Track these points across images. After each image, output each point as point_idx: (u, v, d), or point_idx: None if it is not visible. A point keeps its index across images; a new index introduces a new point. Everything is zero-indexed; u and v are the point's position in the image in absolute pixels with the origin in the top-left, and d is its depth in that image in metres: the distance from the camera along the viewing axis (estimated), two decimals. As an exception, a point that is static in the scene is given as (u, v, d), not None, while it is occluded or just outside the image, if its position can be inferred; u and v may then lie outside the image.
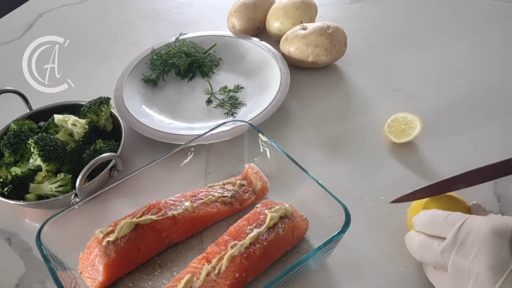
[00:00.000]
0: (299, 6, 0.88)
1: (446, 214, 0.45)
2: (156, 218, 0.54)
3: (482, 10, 0.98)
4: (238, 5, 0.93)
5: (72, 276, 0.51)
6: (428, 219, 0.46)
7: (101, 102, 0.71)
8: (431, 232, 0.45)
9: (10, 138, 0.65)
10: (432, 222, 0.45)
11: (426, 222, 0.46)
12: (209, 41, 0.90)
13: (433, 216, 0.46)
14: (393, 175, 0.63)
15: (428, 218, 0.46)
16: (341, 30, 0.82)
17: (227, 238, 0.52)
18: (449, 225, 0.43)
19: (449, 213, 0.45)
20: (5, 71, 0.96)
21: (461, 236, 0.41)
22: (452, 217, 0.44)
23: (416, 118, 0.67)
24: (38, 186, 0.62)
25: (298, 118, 0.76)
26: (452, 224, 0.43)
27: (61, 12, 1.17)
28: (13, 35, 1.08)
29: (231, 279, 0.48)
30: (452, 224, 0.43)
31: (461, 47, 0.88)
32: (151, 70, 0.86)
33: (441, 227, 0.44)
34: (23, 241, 0.61)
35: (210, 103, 0.80)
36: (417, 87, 0.80)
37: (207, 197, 0.58)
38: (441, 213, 0.45)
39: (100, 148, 0.65)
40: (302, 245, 0.55)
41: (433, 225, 0.45)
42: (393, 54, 0.89)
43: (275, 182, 0.62)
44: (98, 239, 0.52)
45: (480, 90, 0.77)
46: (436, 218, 0.45)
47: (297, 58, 0.82)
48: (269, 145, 0.61)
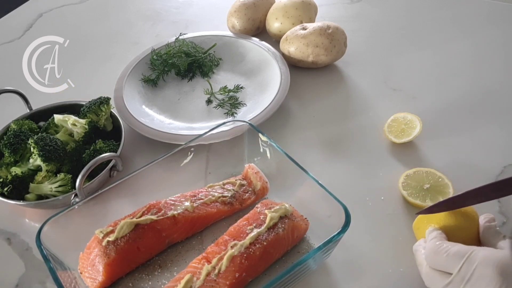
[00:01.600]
0: (299, 6, 0.88)
1: (448, 249, 0.44)
2: (156, 218, 0.54)
3: (482, 10, 0.98)
4: (238, 5, 0.93)
5: (72, 276, 0.51)
6: (431, 254, 0.46)
7: (101, 102, 0.71)
8: (435, 267, 0.45)
9: (10, 138, 0.65)
10: (435, 257, 0.45)
11: (429, 256, 0.46)
12: (209, 41, 0.90)
13: (435, 250, 0.45)
14: (393, 175, 0.63)
15: (431, 253, 0.46)
16: (341, 30, 0.82)
17: (227, 238, 0.52)
18: (452, 261, 0.43)
19: (451, 247, 0.44)
20: (5, 71, 0.96)
21: (466, 274, 0.42)
22: (454, 252, 0.44)
23: (416, 118, 0.67)
24: (38, 186, 0.62)
25: (298, 118, 0.76)
26: (455, 260, 0.43)
27: (61, 12, 1.17)
28: (13, 35, 1.08)
29: (231, 279, 0.48)
30: (455, 260, 0.43)
31: (461, 47, 0.88)
32: (151, 70, 0.86)
33: (444, 263, 0.44)
34: (23, 241, 0.61)
35: (210, 103, 0.80)
36: (417, 87, 0.80)
37: (207, 197, 0.58)
38: (443, 248, 0.45)
39: (100, 148, 0.65)
40: (302, 245, 0.55)
41: (436, 260, 0.45)
42: (393, 54, 0.89)
43: (275, 182, 0.62)
44: (98, 239, 0.52)
45: (480, 90, 0.77)
46: (438, 253, 0.45)
47: (297, 58, 0.82)
48: (269, 145, 0.61)
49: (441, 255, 0.44)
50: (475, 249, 0.43)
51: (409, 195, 0.59)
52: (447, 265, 0.44)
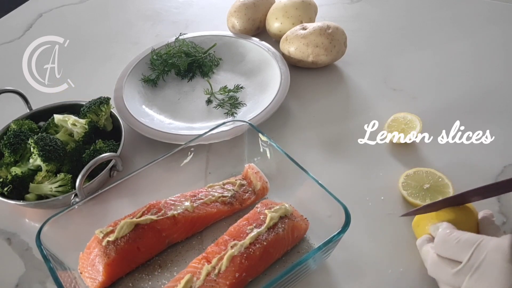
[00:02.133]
0: (299, 6, 0.88)
1: (458, 237, 0.44)
2: (156, 218, 0.54)
3: (482, 10, 0.98)
4: (238, 5, 0.93)
5: (72, 276, 0.51)
6: (441, 241, 0.46)
7: (101, 102, 0.71)
8: (444, 255, 0.45)
9: (10, 138, 0.65)
10: (444, 245, 0.45)
11: (439, 243, 0.46)
12: (209, 41, 0.90)
13: (445, 238, 0.45)
14: (393, 175, 0.63)
15: (441, 240, 0.46)
16: (341, 30, 0.82)
17: (227, 238, 0.52)
18: (462, 248, 0.43)
19: (461, 235, 0.44)
20: (5, 71, 0.96)
21: (476, 261, 0.42)
22: (465, 239, 0.44)
23: (416, 118, 0.67)
24: (38, 186, 0.62)
25: (298, 118, 0.76)
26: (465, 247, 0.43)
27: (61, 12, 1.17)
28: (13, 35, 1.08)
29: (231, 279, 0.48)
30: (465, 248, 0.43)
31: (461, 47, 0.88)
32: (151, 70, 0.86)
33: (454, 251, 0.44)
34: (23, 241, 0.61)
35: (210, 103, 0.80)
36: (417, 87, 0.80)
37: (207, 197, 0.58)
38: (453, 236, 0.45)
39: (100, 148, 0.65)
40: (302, 245, 0.55)
41: (445, 247, 0.45)
42: (393, 54, 0.89)
43: (275, 182, 0.62)
44: (98, 239, 0.52)
45: (480, 90, 0.77)
46: (448, 241, 0.45)
47: (297, 58, 0.82)
48: (269, 145, 0.61)
49: (451, 242, 0.44)
50: (485, 238, 0.43)
51: (409, 195, 0.59)
52: (457, 253, 0.44)
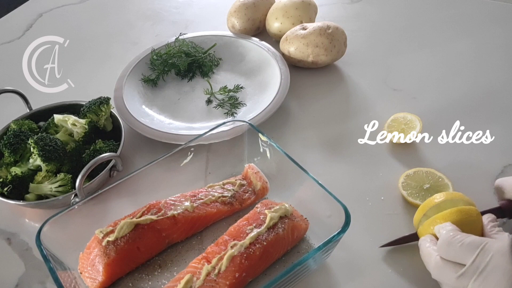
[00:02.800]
0: (299, 6, 0.88)
1: (462, 239, 0.44)
2: (156, 218, 0.54)
3: (482, 10, 0.98)
4: (238, 5, 0.93)
5: (72, 276, 0.51)
6: (444, 244, 0.45)
7: (101, 102, 0.71)
8: (448, 257, 0.45)
9: (10, 138, 0.65)
10: (448, 247, 0.45)
11: (442, 246, 0.46)
12: (209, 41, 0.90)
13: (449, 241, 0.45)
14: (393, 175, 0.63)
15: (444, 243, 0.46)
16: (341, 30, 0.82)
17: (227, 238, 0.52)
18: (465, 251, 0.43)
19: (465, 238, 0.44)
20: (5, 71, 0.96)
21: (480, 264, 0.42)
22: (469, 242, 0.43)
23: (416, 118, 0.67)
24: (38, 186, 0.62)
25: (298, 118, 0.76)
26: (469, 250, 0.43)
27: (61, 12, 1.17)
28: (13, 35, 1.08)
29: (231, 279, 0.48)
30: (469, 251, 0.43)
31: (462, 47, 0.88)
32: (151, 70, 0.86)
33: (458, 253, 0.44)
34: (23, 241, 0.61)
35: (210, 103, 0.80)
36: (417, 87, 0.80)
37: (207, 197, 0.58)
38: (457, 238, 0.45)
39: (100, 148, 0.65)
40: (302, 245, 0.55)
41: (449, 250, 0.45)
42: (393, 54, 0.88)
43: (275, 182, 0.62)
44: (98, 239, 0.52)
45: (480, 90, 0.77)
46: (452, 243, 0.45)
47: (297, 58, 0.82)
48: (269, 145, 0.61)
49: (455, 245, 0.44)
50: (489, 240, 0.43)
51: (409, 195, 0.59)
52: (461, 256, 0.43)
